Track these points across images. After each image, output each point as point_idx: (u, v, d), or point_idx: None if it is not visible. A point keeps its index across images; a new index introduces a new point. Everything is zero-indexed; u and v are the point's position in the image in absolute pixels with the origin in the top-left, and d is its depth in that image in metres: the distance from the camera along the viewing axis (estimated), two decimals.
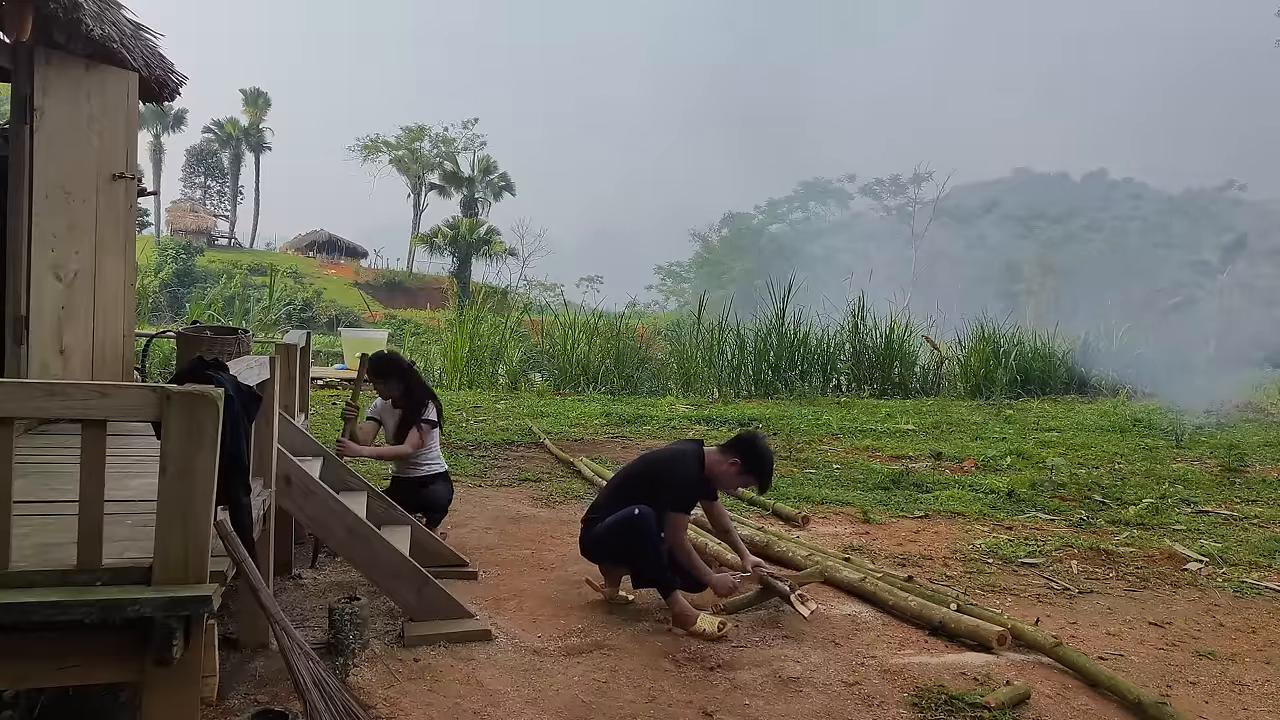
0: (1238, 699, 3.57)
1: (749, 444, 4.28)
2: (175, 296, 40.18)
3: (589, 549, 4.42)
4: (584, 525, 4.47)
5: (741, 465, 4.24)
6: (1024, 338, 17.52)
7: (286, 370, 4.48)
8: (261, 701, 3.10)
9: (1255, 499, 7.30)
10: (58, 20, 4.19)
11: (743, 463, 4.24)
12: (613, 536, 4.19)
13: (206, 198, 69.54)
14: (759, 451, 4.25)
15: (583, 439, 9.53)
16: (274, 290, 22.34)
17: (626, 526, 4.10)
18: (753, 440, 4.32)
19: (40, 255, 4.38)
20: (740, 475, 4.29)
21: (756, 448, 4.26)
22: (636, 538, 4.08)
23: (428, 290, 56.28)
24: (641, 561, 4.14)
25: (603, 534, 4.25)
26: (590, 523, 4.41)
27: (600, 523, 4.29)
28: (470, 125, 68.04)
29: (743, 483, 4.40)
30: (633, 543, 4.10)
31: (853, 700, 3.40)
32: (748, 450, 4.25)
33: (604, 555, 4.37)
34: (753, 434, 4.46)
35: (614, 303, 24.12)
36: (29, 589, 2.19)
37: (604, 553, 4.35)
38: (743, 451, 4.25)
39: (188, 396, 2.24)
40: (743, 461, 4.24)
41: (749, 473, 4.27)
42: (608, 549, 4.29)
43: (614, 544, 4.21)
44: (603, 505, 4.42)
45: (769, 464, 4.27)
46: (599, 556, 4.41)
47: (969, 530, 6.07)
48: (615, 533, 4.16)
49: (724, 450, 4.31)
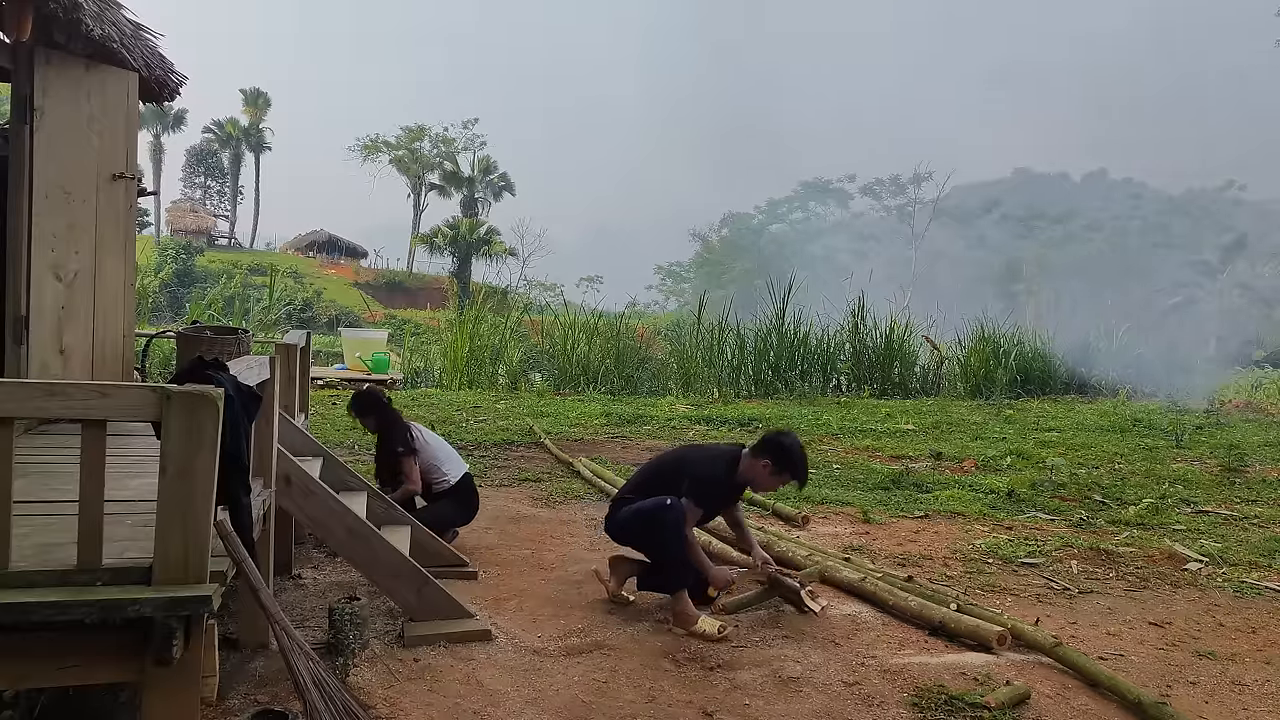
0: (1238, 699, 3.57)
1: (775, 443, 4.25)
2: (175, 296, 40.17)
3: (614, 530, 4.42)
4: (612, 505, 4.49)
5: (773, 465, 4.22)
6: (1024, 338, 17.52)
7: (286, 370, 4.48)
8: (261, 701, 3.11)
9: (1255, 499, 7.30)
10: (58, 20, 4.19)
11: (774, 462, 4.21)
12: (640, 522, 4.20)
13: (206, 198, 69.52)
14: (786, 448, 4.21)
15: (583, 439, 9.53)
16: (274, 290, 22.31)
17: (655, 515, 4.11)
18: (779, 439, 4.28)
19: (40, 255, 4.38)
20: (774, 475, 4.25)
21: (784, 445, 4.23)
22: (662, 527, 4.09)
23: (428, 290, 56.26)
24: (661, 551, 4.16)
25: (631, 518, 4.26)
26: (619, 503, 4.42)
27: (630, 505, 4.30)
28: (470, 125, 68.11)
29: (778, 482, 4.34)
30: (658, 531, 4.12)
31: (853, 700, 3.40)
32: (775, 449, 4.22)
33: (628, 538, 4.38)
34: (780, 432, 4.40)
35: (614, 303, 24.16)
36: (29, 589, 2.19)
37: (628, 535, 4.35)
38: (771, 451, 4.23)
39: (188, 396, 2.24)
40: (774, 461, 4.21)
41: (783, 471, 4.24)
42: (632, 532, 4.30)
43: (639, 529, 4.22)
44: (633, 489, 4.43)
45: (801, 460, 4.23)
46: (624, 538, 4.42)
47: (969, 530, 6.07)
48: (643, 518, 4.18)
49: (754, 452, 4.27)
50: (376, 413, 5.45)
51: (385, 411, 5.44)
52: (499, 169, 64.62)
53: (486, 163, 64.99)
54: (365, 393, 5.64)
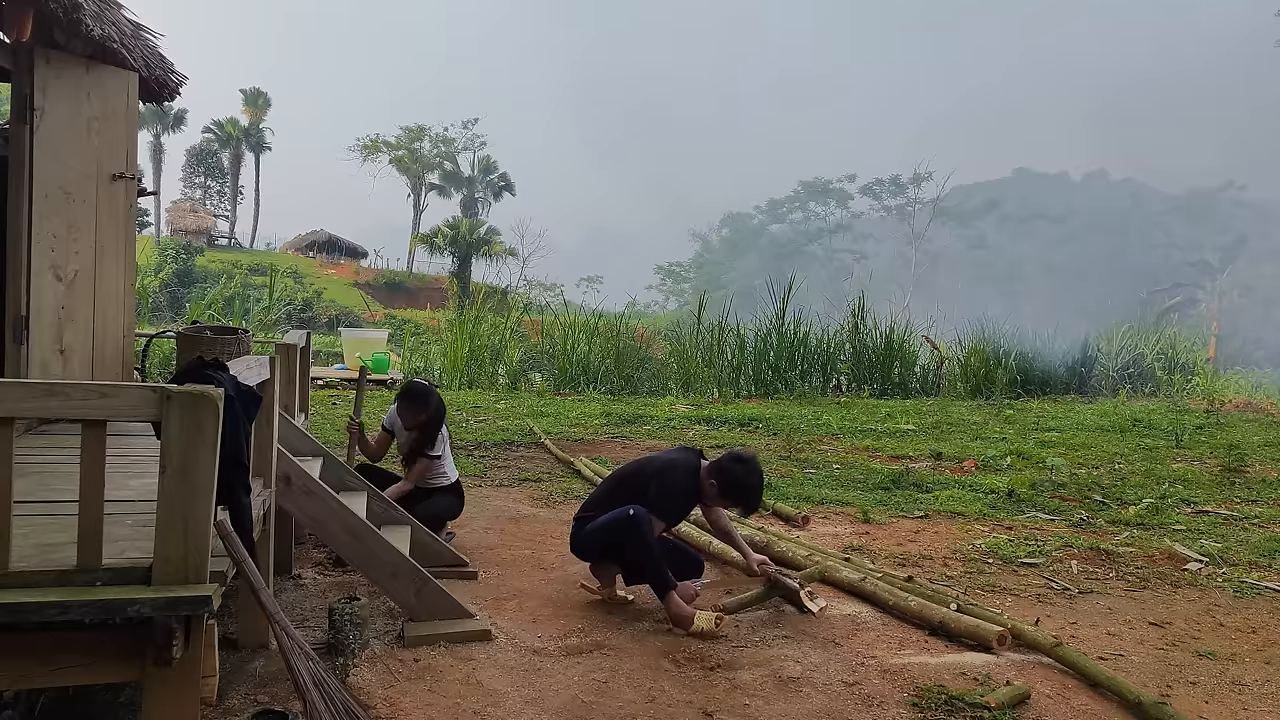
0: (1238, 699, 3.57)
1: (728, 470, 4.23)
2: (175, 296, 40.18)
3: (580, 547, 4.41)
4: (576, 523, 4.46)
5: (719, 488, 4.24)
6: (1024, 338, 17.52)
7: (286, 370, 4.48)
8: (261, 701, 3.10)
9: (1255, 499, 7.29)
10: (58, 20, 4.20)
11: (720, 486, 4.24)
12: (608, 536, 4.18)
13: (206, 198, 69.49)
14: (736, 479, 4.20)
15: (583, 439, 9.53)
16: (274, 290, 22.32)
17: (622, 526, 4.10)
18: (731, 467, 4.24)
19: (40, 255, 4.38)
20: (719, 497, 4.29)
21: (734, 474, 4.21)
22: (632, 537, 4.08)
23: (428, 290, 56.27)
24: (638, 561, 4.14)
25: (596, 532, 4.25)
26: (582, 521, 4.40)
27: (593, 521, 4.29)
28: (470, 125, 68.18)
29: (723, 504, 4.39)
30: (629, 542, 4.10)
31: (853, 700, 3.40)
32: (726, 476, 4.22)
33: (595, 553, 4.36)
34: (737, 458, 4.32)
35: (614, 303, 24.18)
36: (29, 589, 2.19)
37: (595, 550, 4.34)
38: (721, 476, 4.24)
39: (188, 396, 2.24)
40: (720, 485, 4.24)
41: (725, 497, 4.27)
42: (601, 547, 4.28)
43: (608, 543, 4.21)
44: (595, 504, 4.42)
45: (749, 490, 4.20)
46: (589, 554, 4.40)
47: (969, 530, 6.07)
48: (611, 532, 4.16)
49: (709, 469, 4.29)
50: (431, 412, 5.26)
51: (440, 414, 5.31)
52: (499, 169, 64.70)
53: (486, 163, 65.06)
54: (427, 388, 5.39)
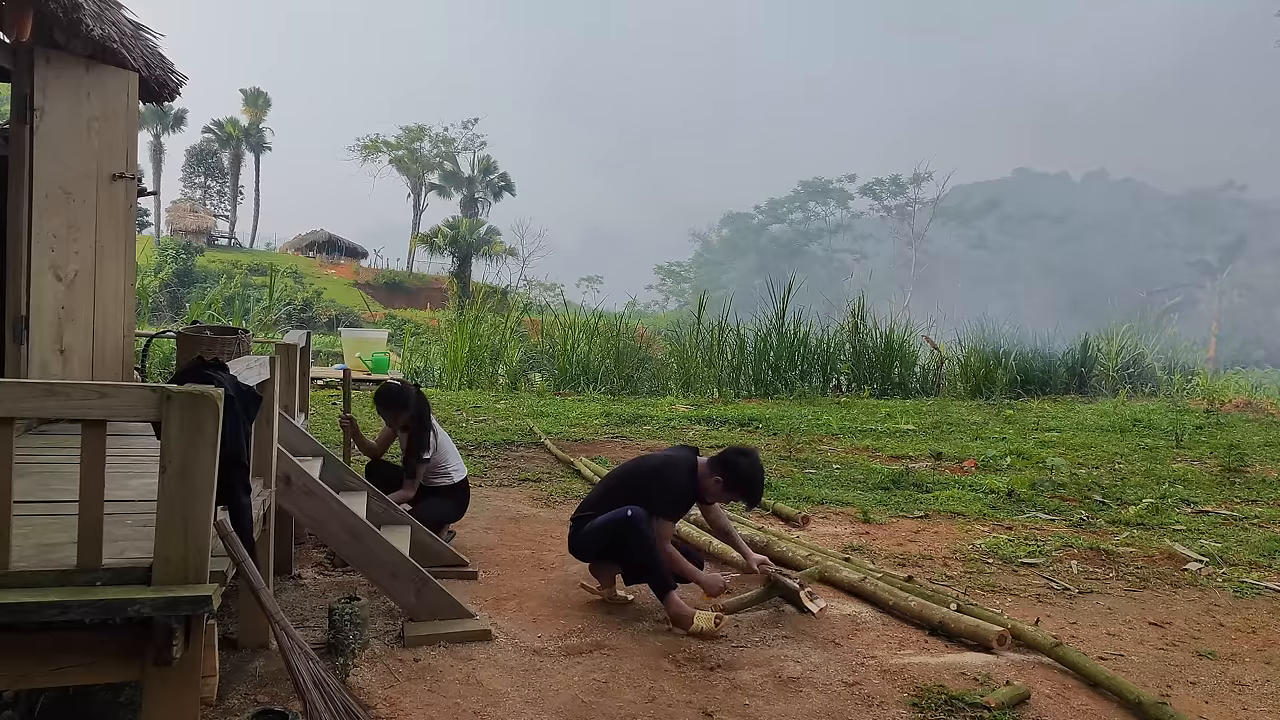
0: (1238, 699, 3.57)
1: (733, 463, 4.23)
2: (175, 296, 40.18)
3: (578, 547, 4.41)
4: (574, 523, 4.46)
5: (724, 482, 4.24)
6: (1024, 338, 17.54)
7: (286, 370, 4.48)
8: (261, 701, 3.10)
9: (1255, 499, 7.29)
10: (58, 20, 4.20)
11: (724, 480, 4.23)
12: (605, 536, 4.18)
13: (206, 198, 69.48)
14: (742, 472, 4.20)
15: (583, 439, 9.53)
16: (274, 290, 22.33)
17: (620, 527, 4.10)
18: (736, 460, 4.25)
19: (40, 255, 4.38)
20: (724, 491, 4.28)
21: (739, 467, 4.21)
22: (631, 538, 4.08)
23: (428, 290, 56.26)
24: (637, 561, 4.14)
25: (593, 533, 4.24)
26: (580, 521, 4.40)
27: (591, 521, 4.29)
28: (470, 125, 68.19)
29: (727, 499, 4.39)
30: (627, 543, 4.10)
31: (853, 700, 3.40)
32: (731, 470, 4.22)
33: (593, 553, 4.36)
34: (740, 451, 4.33)
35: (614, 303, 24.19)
36: (29, 589, 2.19)
37: (594, 551, 4.34)
38: (726, 470, 4.23)
39: (188, 396, 2.24)
40: (724, 479, 4.23)
41: (732, 490, 4.26)
42: (599, 548, 4.28)
43: (606, 543, 4.21)
44: (593, 505, 4.41)
45: (752, 482, 4.21)
46: (588, 555, 4.40)
47: (969, 530, 6.07)
48: (608, 533, 4.16)
49: (711, 465, 4.29)
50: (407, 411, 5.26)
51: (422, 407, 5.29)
52: (499, 169, 64.68)
53: (486, 163, 65.05)
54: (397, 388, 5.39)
